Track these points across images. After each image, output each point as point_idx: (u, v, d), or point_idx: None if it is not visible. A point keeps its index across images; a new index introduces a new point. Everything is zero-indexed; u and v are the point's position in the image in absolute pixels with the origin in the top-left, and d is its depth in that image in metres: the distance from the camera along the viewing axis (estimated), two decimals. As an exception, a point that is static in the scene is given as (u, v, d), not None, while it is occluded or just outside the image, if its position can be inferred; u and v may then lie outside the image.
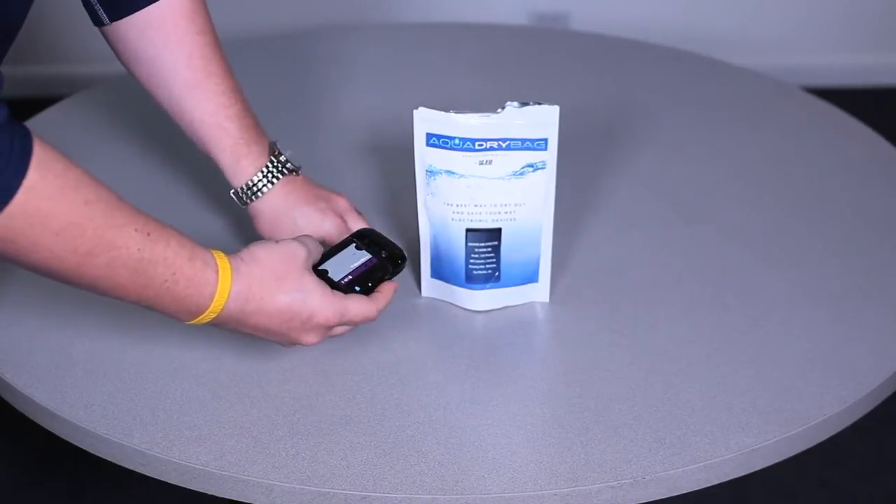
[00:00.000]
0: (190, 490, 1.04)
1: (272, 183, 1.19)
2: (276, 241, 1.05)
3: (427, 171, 1.15)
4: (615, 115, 1.58)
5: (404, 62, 1.74)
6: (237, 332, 1.04)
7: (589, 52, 1.78)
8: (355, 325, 1.08)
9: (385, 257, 1.12)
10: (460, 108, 1.13)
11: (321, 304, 1.03)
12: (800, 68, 3.02)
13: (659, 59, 1.77)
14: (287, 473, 1.01)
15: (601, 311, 1.21)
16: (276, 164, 1.20)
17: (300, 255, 1.04)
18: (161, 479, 1.04)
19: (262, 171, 1.19)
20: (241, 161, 1.19)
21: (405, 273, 1.24)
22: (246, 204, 1.20)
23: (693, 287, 1.25)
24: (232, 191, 1.20)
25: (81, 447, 1.08)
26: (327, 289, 1.05)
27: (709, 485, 1.04)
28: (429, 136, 1.14)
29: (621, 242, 1.32)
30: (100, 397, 1.09)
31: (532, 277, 1.21)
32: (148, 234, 0.94)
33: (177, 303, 0.97)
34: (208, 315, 0.99)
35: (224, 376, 1.12)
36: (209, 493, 1.03)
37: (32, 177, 0.87)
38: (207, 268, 0.98)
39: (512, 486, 1.00)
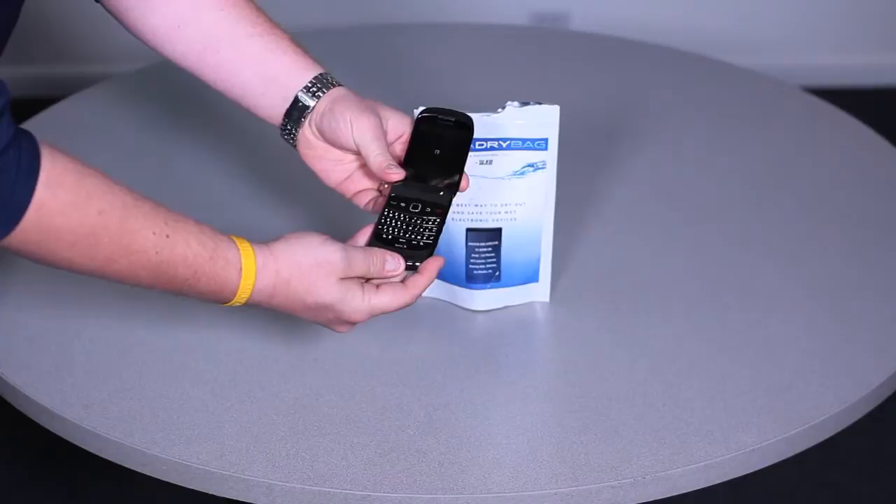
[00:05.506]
0: (190, 490, 1.04)
1: (329, 87, 1.08)
2: (322, 241, 1.00)
3: (427, 170, 1.15)
4: (615, 115, 1.58)
5: (404, 62, 1.73)
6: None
7: (589, 52, 1.78)
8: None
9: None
10: (460, 108, 1.13)
11: (349, 309, 1.00)
12: (800, 68, 3.02)
13: (659, 59, 1.76)
14: (287, 473, 1.01)
15: (601, 312, 1.21)
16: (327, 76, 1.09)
17: (337, 265, 0.99)
18: (161, 479, 1.04)
19: (318, 76, 1.08)
20: (298, 62, 1.09)
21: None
22: (306, 108, 1.07)
23: (693, 287, 1.25)
24: (297, 90, 1.07)
25: (81, 447, 1.08)
26: (357, 292, 1.00)
27: (709, 485, 1.04)
28: (429, 135, 1.14)
29: (621, 242, 1.32)
30: (100, 397, 1.09)
31: (532, 277, 1.20)
32: (167, 237, 0.93)
33: (201, 296, 0.98)
34: (233, 304, 0.99)
35: (224, 376, 1.12)
36: (209, 493, 1.03)
37: (42, 194, 0.86)
38: (229, 266, 0.97)
39: (512, 486, 1.00)
